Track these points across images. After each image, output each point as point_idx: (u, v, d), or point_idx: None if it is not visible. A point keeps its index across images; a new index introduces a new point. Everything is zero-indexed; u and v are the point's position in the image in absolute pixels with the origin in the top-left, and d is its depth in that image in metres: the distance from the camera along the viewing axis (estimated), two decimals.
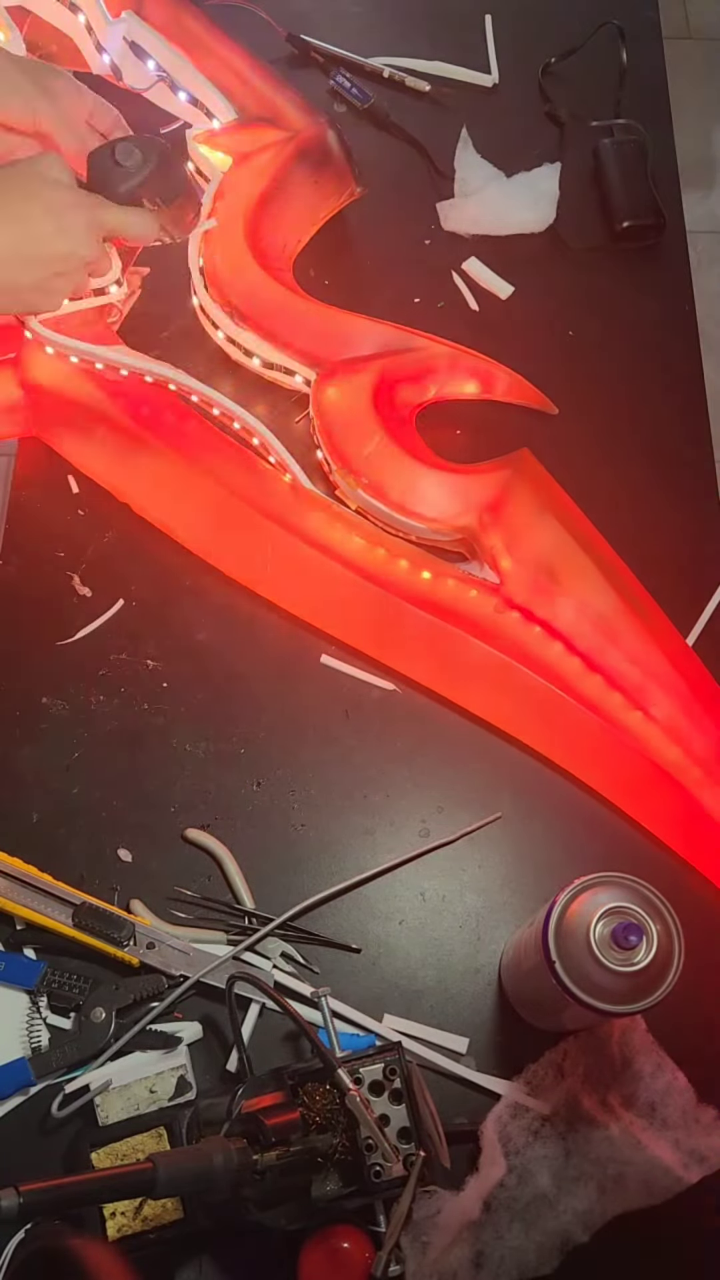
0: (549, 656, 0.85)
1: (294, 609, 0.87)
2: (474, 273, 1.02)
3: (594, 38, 1.10)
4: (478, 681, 0.85)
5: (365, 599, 0.86)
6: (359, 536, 0.87)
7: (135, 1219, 0.67)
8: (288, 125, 0.99)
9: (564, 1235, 0.70)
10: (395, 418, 0.90)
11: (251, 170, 0.96)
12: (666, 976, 0.63)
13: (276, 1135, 0.60)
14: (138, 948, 0.75)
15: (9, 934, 0.76)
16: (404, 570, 0.86)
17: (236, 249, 0.93)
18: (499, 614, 0.85)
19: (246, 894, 0.79)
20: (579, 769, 0.84)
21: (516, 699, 0.85)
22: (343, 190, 0.99)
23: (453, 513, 0.87)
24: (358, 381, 0.90)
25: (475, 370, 0.94)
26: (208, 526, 0.89)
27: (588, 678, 0.84)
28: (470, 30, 1.13)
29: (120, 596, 0.88)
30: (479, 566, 0.87)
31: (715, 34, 2.34)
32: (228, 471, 0.89)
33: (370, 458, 0.87)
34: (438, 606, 0.86)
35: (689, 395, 0.99)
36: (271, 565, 0.87)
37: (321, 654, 0.86)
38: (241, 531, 0.88)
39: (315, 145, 0.98)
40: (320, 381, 0.90)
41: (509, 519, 0.87)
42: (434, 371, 0.93)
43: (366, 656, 0.86)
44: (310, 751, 0.84)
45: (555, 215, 1.03)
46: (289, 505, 0.88)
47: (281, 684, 0.86)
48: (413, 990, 0.77)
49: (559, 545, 0.86)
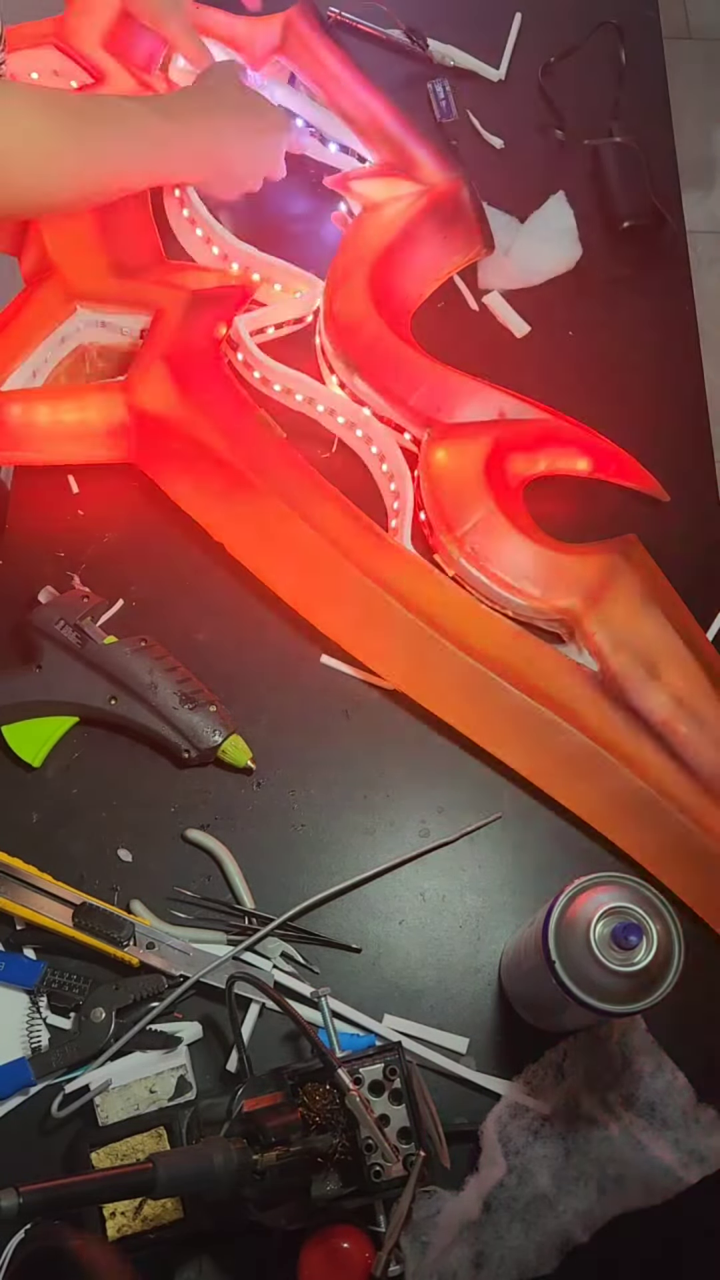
0: (642, 752, 0.81)
1: (383, 670, 0.85)
2: (494, 307, 1.01)
3: (594, 38, 1.10)
4: (567, 768, 0.82)
5: (458, 669, 0.82)
6: (456, 605, 0.85)
7: (135, 1219, 0.67)
8: (422, 178, 0.99)
9: (564, 1235, 0.70)
10: (504, 487, 0.88)
11: (381, 221, 0.97)
12: (666, 976, 0.63)
13: (276, 1135, 0.60)
14: (138, 948, 0.75)
15: (9, 934, 0.76)
16: (499, 645, 0.83)
17: (359, 299, 0.92)
18: (594, 703, 0.82)
19: (246, 894, 0.79)
20: (664, 873, 0.80)
21: (604, 791, 0.81)
22: (471, 248, 0.99)
23: (556, 593, 0.85)
24: (470, 448, 0.88)
25: (590, 447, 0.92)
26: (303, 577, 0.86)
27: (680, 778, 0.81)
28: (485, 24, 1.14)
29: (120, 596, 0.88)
30: (575, 649, 0.85)
31: (715, 34, 2.34)
32: (331, 523, 0.85)
33: (476, 526, 0.86)
34: (531, 687, 0.82)
35: (689, 395, 0.99)
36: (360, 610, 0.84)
37: (321, 654, 0.86)
38: (335, 584, 0.85)
39: (448, 200, 0.98)
40: (431, 442, 0.88)
41: (612, 606, 0.84)
42: (548, 444, 0.91)
43: (459, 735, 0.84)
44: (310, 751, 0.84)
45: (581, 250, 1.03)
46: (391, 565, 0.85)
47: (281, 684, 0.86)
48: (413, 990, 0.77)
49: (661, 639, 0.84)
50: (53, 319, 0.91)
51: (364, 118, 1.01)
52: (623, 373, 1.00)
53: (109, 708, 0.81)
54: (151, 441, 0.88)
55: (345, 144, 1.02)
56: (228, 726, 0.82)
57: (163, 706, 0.81)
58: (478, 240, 0.99)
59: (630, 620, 0.84)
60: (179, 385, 0.87)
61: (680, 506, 0.94)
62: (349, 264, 0.95)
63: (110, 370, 0.94)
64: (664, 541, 0.89)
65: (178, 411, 0.86)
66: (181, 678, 0.82)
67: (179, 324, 0.90)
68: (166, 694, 0.81)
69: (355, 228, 0.98)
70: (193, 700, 0.81)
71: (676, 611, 0.85)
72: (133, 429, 0.88)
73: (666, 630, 0.84)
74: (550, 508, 0.90)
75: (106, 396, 0.88)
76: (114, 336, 0.94)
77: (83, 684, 0.81)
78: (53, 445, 0.89)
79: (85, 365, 0.94)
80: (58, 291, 0.91)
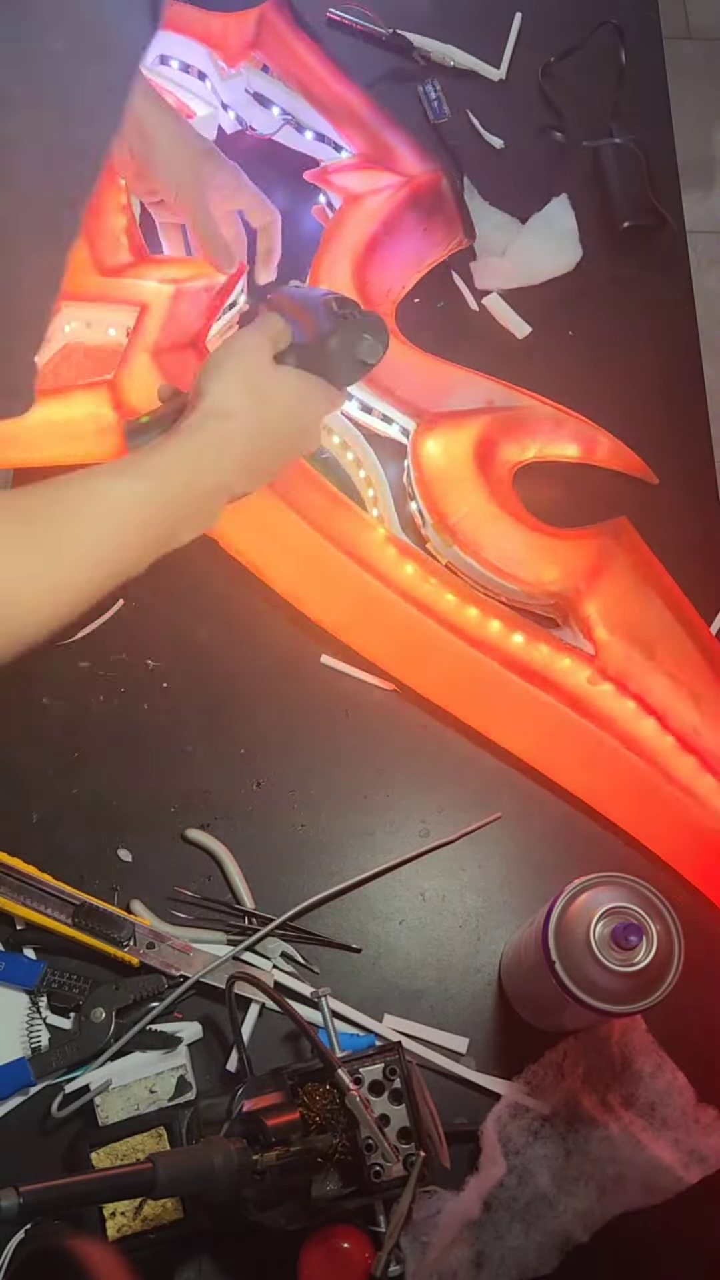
0: (641, 732, 0.82)
1: (381, 662, 0.85)
2: (493, 308, 1.01)
3: (594, 37, 1.10)
4: (569, 753, 0.83)
5: (456, 657, 0.83)
6: (451, 593, 0.85)
7: (135, 1219, 0.67)
8: (401, 169, 0.99)
9: (564, 1235, 0.70)
10: (494, 476, 0.88)
11: (362, 213, 0.97)
12: (666, 976, 0.63)
13: (276, 1135, 0.60)
14: (138, 947, 0.75)
15: (9, 934, 0.76)
16: (496, 632, 0.84)
17: (344, 290, 0.92)
18: (592, 685, 0.83)
19: (246, 894, 0.79)
20: (669, 854, 0.81)
21: (607, 773, 0.82)
22: (451, 239, 0.99)
23: (549, 578, 0.85)
24: (459, 436, 0.88)
25: (578, 434, 0.93)
26: (297, 569, 0.86)
27: (681, 757, 0.82)
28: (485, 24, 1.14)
29: (120, 597, 0.88)
30: (571, 633, 0.85)
31: (715, 34, 2.34)
32: (322, 515, 0.86)
33: (468, 515, 0.86)
34: (529, 672, 0.83)
35: (689, 395, 0.99)
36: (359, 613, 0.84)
37: (321, 654, 0.86)
38: (332, 577, 0.85)
39: (428, 192, 0.98)
40: (420, 432, 0.88)
41: (606, 588, 0.85)
42: (537, 431, 0.91)
43: (453, 717, 0.84)
44: (310, 751, 0.84)
45: (582, 251, 1.03)
46: (383, 555, 0.85)
47: (281, 684, 0.86)
48: (413, 990, 0.77)
49: (656, 620, 0.84)
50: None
51: (340, 108, 1.01)
52: (623, 372, 1.00)
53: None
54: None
55: (321, 132, 1.02)
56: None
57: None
58: (458, 230, 0.99)
59: (624, 602, 0.85)
60: (165, 379, 0.87)
61: (675, 494, 0.94)
62: (333, 256, 0.95)
63: (96, 369, 0.93)
64: (655, 524, 0.89)
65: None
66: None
67: (164, 319, 0.90)
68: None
69: (337, 221, 0.97)
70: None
71: (669, 592, 0.86)
72: (120, 425, 0.88)
73: (661, 611, 0.85)
74: (540, 493, 0.91)
75: (93, 394, 0.88)
76: (100, 335, 0.94)
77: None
78: (43, 446, 0.89)
79: (71, 365, 0.94)
80: None
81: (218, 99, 1.04)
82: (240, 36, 1.03)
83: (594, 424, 0.94)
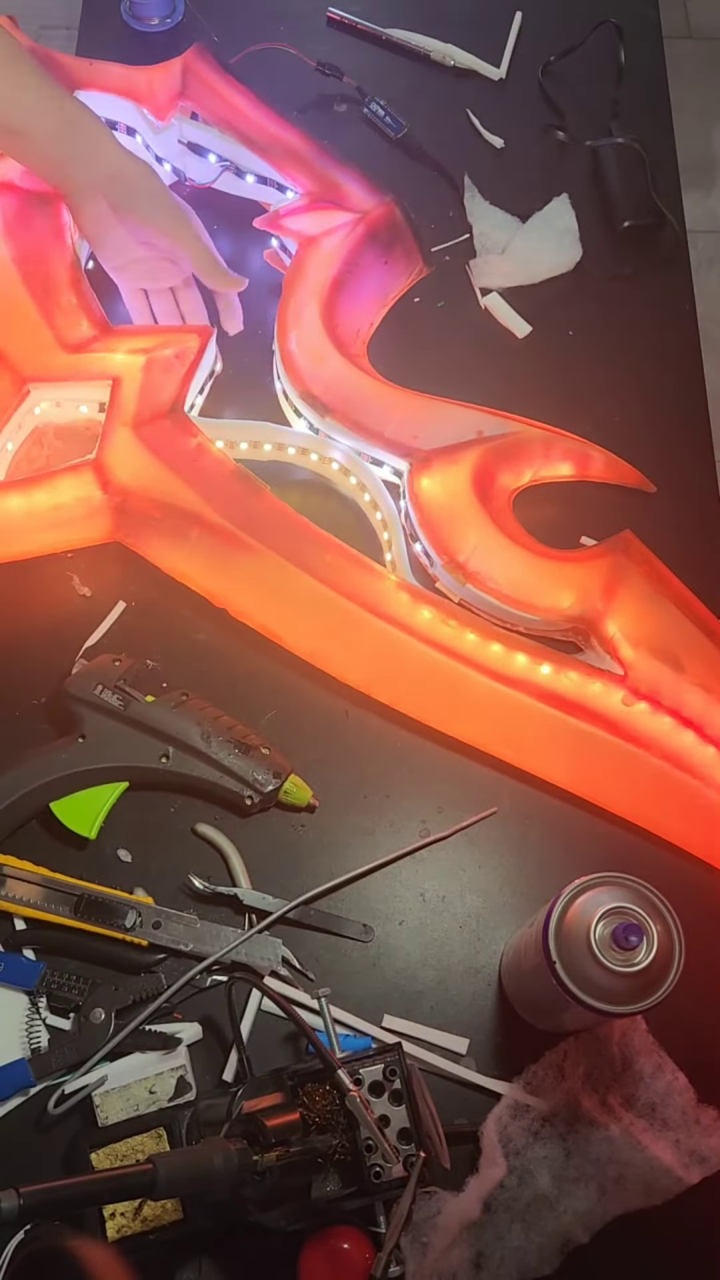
0: (682, 746, 0.81)
1: (414, 712, 0.83)
2: (494, 308, 1.01)
3: (593, 37, 1.10)
4: (613, 778, 0.82)
5: (488, 696, 0.82)
6: (472, 632, 0.83)
7: (135, 1220, 0.67)
8: (351, 205, 0.97)
9: (564, 1236, 0.70)
10: (495, 506, 0.87)
11: (320, 255, 0.95)
12: (666, 977, 0.63)
13: (276, 1136, 0.60)
14: (144, 928, 0.75)
15: (9, 934, 0.76)
16: (523, 665, 0.83)
17: (315, 337, 0.91)
18: (627, 706, 0.82)
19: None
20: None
21: (653, 792, 0.81)
22: (412, 268, 0.98)
23: (566, 603, 0.84)
24: (456, 471, 0.87)
25: (570, 452, 0.92)
26: (315, 628, 0.84)
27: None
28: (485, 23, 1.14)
29: (120, 597, 0.88)
30: (595, 655, 0.85)
31: (715, 34, 2.34)
32: (333, 570, 0.84)
33: (476, 549, 0.84)
34: (562, 701, 0.82)
35: (689, 395, 0.99)
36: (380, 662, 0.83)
37: None
38: (350, 633, 0.83)
39: (384, 225, 0.96)
40: (415, 472, 0.87)
41: (625, 605, 0.84)
42: (531, 456, 0.91)
43: (500, 760, 0.83)
44: (310, 751, 0.83)
45: (582, 250, 1.03)
46: (397, 603, 0.84)
47: (281, 684, 0.85)
48: (413, 991, 0.77)
49: (678, 629, 0.83)
50: (6, 407, 0.88)
51: (279, 148, 0.98)
52: (623, 372, 1.00)
53: (161, 766, 0.79)
54: (132, 516, 0.86)
55: (262, 174, 1.00)
56: (285, 766, 0.80)
57: (218, 757, 0.79)
58: (418, 258, 0.98)
59: (644, 616, 0.84)
60: (151, 452, 0.85)
61: (676, 497, 0.94)
62: (298, 303, 0.93)
63: (69, 450, 0.91)
64: (658, 531, 0.89)
65: (155, 480, 0.85)
66: (229, 724, 0.80)
67: (138, 390, 0.88)
68: (220, 744, 0.79)
69: (296, 266, 0.95)
70: (245, 746, 0.80)
71: (684, 599, 0.85)
72: (111, 506, 0.86)
73: (680, 620, 0.84)
74: (539, 515, 0.90)
75: (78, 477, 0.85)
76: (70, 413, 0.92)
77: (132, 746, 0.79)
78: (32, 535, 0.86)
79: (43, 448, 0.91)
80: (7, 377, 0.89)
81: (151, 154, 1.01)
82: (167, 88, 0.99)
83: (584, 440, 0.93)
